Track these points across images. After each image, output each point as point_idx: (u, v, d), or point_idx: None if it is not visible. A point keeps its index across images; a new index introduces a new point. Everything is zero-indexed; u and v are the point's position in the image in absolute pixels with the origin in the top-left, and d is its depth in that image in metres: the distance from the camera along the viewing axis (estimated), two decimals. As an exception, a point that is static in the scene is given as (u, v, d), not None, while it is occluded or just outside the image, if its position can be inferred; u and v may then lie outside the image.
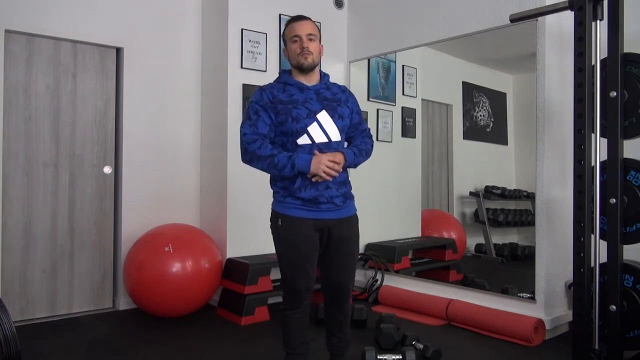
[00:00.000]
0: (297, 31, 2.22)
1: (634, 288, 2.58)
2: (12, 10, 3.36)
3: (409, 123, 4.65)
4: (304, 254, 2.19)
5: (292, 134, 2.18)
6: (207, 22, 4.16)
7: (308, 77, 2.26)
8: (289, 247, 2.21)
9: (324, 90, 2.28)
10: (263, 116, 2.19)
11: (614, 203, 2.52)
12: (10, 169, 3.43)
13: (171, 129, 4.06)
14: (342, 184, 2.24)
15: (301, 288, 2.22)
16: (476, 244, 4.57)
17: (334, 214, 2.22)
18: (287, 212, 2.19)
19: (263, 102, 2.20)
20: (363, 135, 2.40)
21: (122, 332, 3.33)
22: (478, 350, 3.00)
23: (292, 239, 2.19)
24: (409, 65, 4.59)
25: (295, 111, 2.17)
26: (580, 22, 2.55)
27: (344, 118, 2.27)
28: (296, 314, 2.27)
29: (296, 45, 2.22)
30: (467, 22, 3.61)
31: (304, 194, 2.16)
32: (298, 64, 2.22)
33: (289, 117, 2.17)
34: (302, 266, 2.20)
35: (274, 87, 2.25)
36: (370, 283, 4.14)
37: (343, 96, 2.32)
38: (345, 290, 2.33)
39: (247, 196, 3.91)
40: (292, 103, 2.19)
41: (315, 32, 2.25)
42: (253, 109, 2.22)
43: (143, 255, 3.48)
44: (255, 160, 2.18)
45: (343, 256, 2.28)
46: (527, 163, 3.61)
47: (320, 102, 2.23)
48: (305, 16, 2.28)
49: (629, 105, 2.54)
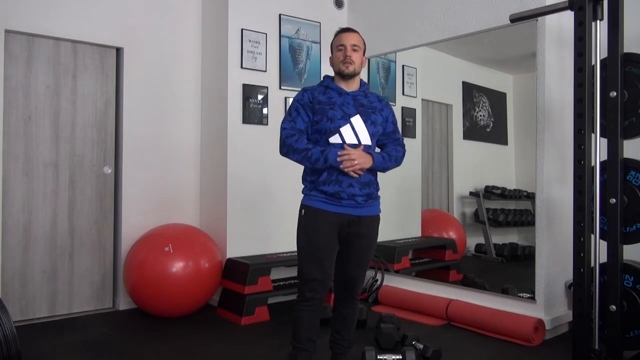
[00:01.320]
0: (343, 41, 2.38)
1: (634, 288, 2.58)
2: (12, 10, 3.36)
3: (409, 123, 4.65)
4: (321, 245, 2.29)
5: (325, 132, 2.32)
6: (207, 22, 4.16)
7: (348, 83, 2.41)
8: (309, 236, 2.32)
9: (362, 97, 2.42)
10: (302, 114, 2.36)
11: (614, 203, 2.52)
12: (10, 169, 3.43)
13: (171, 129, 4.06)
14: (365, 184, 2.34)
15: (315, 279, 2.29)
16: (476, 244, 4.56)
17: (355, 210, 2.32)
18: (311, 204, 2.32)
19: (303, 101, 2.37)
20: (396, 143, 2.52)
21: (122, 332, 3.33)
22: (478, 350, 3.00)
23: (312, 229, 2.31)
24: (409, 65, 4.59)
25: (331, 112, 2.32)
26: (580, 22, 2.54)
27: (376, 125, 2.39)
28: (307, 307, 2.33)
29: (340, 53, 2.37)
30: (467, 22, 3.61)
31: (327, 187, 2.29)
32: (340, 70, 2.38)
33: (324, 117, 2.32)
34: (318, 257, 2.29)
35: (315, 89, 2.42)
36: (370, 283, 4.14)
37: (379, 105, 2.46)
38: (356, 286, 2.43)
39: (247, 196, 3.91)
40: (330, 104, 2.35)
41: (360, 44, 2.40)
42: (294, 106, 2.39)
43: (143, 255, 3.48)
44: (291, 153, 2.32)
45: (358, 251, 2.38)
46: (527, 163, 3.61)
47: (356, 107, 2.37)
48: (354, 29, 2.45)
49: (629, 105, 2.54)
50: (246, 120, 3.92)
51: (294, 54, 4.21)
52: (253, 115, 3.96)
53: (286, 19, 4.16)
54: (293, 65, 4.20)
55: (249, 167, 3.94)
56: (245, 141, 3.92)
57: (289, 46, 4.18)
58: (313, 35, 4.32)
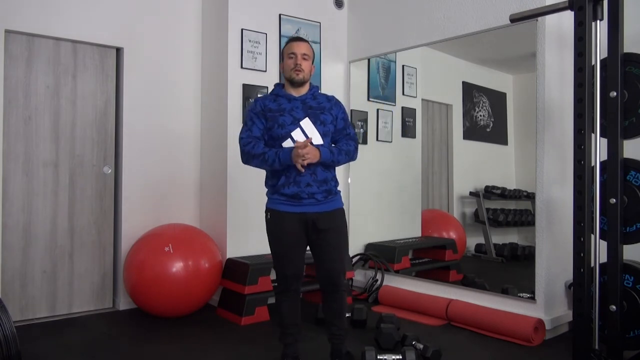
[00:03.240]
0: (294, 49, 2.52)
1: (634, 288, 2.58)
2: (12, 10, 3.36)
3: (409, 123, 4.65)
4: (288, 243, 2.49)
5: (278, 138, 2.48)
6: (207, 22, 4.16)
7: (297, 89, 2.56)
8: (275, 237, 2.53)
9: (310, 100, 2.56)
10: (257, 122, 2.53)
11: (614, 203, 2.52)
12: (10, 169, 3.43)
13: (171, 129, 4.06)
14: (323, 182, 2.49)
15: (288, 274, 2.52)
16: (476, 244, 4.57)
17: (316, 207, 2.47)
18: (274, 207, 2.52)
19: (256, 110, 2.54)
20: (347, 138, 2.63)
21: (122, 332, 3.33)
22: (478, 350, 3.00)
23: (278, 229, 2.50)
24: (409, 65, 4.59)
25: (281, 118, 2.48)
26: (580, 22, 2.54)
27: (326, 124, 2.53)
28: (286, 297, 2.56)
29: (291, 61, 2.52)
30: (467, 22, 3.61)
31: (287, 190, 2.45)
32: (290, 77, 2.53)
33: (275, 124, 2.48)
34: (287, 254, 2.51)
35: (266, 98, 2.59)
36: (370, 283, 4.15)
37: (328, 105, 2.59)
38: (337, 278, 2.55)
39: (247, 196, 3.91)
40: (280, 111, 2.50)
41: (309, 53, 2.55)
42: (249, 116, 2.57)
43: (143, 255, 3.48)
44: (250, 159, 2.50)
45: (328, 246, 2.51)
46: (527, 163, 3.62)
47: (305, 110, 2.51)
48: (304, 39, 2.62)
49: (629, 105, 2.54)
50: (246, 120, 3.92)
51: (294, 54, 4.20)
52: (253, 115, 3.96)
53: (286, 19, 4.16)
54: (293, 65, 4.19)
55: (249, 167, 3.92)
56: (245, 141, 3.91)
57: (289, 46, 4.17)
58: (313, 35, 4.32)
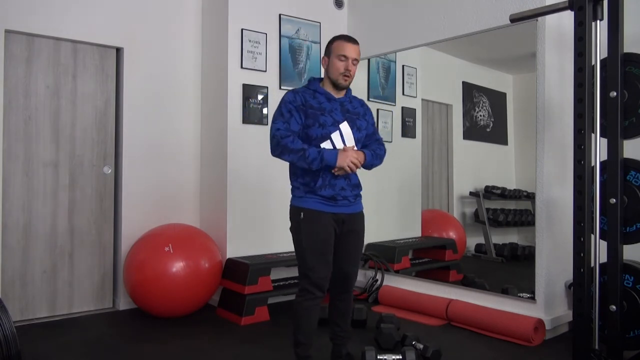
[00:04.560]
0: (347, 52, 2.42)
1: (634, 288, 2.58)
2: (12, 10, 3.36)
3: (409, 123, 4.65)
4: (325, 243, 2.40)
5: (316, 138, 2.39)
6: (207, 22, 4.16)
7: (338, 91, 2.49)
8: (312, 237, 2.39)
9: (347, 104, 2.52)
10: (295, 116, 2.39)
11: (614, 203, 2.52)
12: (10, 169, 3.43)
13: (171, 129, 4.06)
14: (355, 186, 2.50)
15: (323, 276, 2.40)
16: (476, 244, 4.56)
17: (348, 209, 2.48)
18: (309, 206, 2.40)
19: (296, 104, 2.40)
20: (377, 143, 2.62)
21: (122, 332, 3.33)
22: (478, 350, 3.00)
23: (315, 229, 2.39)
24: (409, 65, 4.59)
25: (322, 118, 2.40)
26: (580, 22, 2.54)
27: (361, 130, 2.52)
28: (314, 303, 2.43)
29: (342, 64, 2.42)
30: (467, 22, 3.61)
31: (324, 192, 2.39)
32: (336, 81, 2.45)
33: (316, 122, 2.39)
34: (324, 255, 2.40)
35: (305, 92, 2.46)
36: (370, 283, 4.14)
37: (362, 110, 2.57)
38: (352, 281, 2.58)
39: (247, 196, 3.91)
40: (320, 110, 2.41)
41: (359, 58, 2.48)
42: (286, 107, 2.40)
43: (143, 255, 3.48)
44: (286, 153, 2.35)
45: (352, 248, 2.52)
46: (527, 163, 3.62)
47: (343, 113, 2.47)
48: (356, 40, 2.49)
49: (629, 105, 2.54)
50: (246, 120, 3.92)
51: (294, 54, 4.21)
52: (253, 115, 3.96)
53: (286, 19, 4.16)
54: (293, 65, 4.20)
55: (249, 166, 3.94)
56: (245, 141, 3.92)
57: (289, 46, 4.18)
58: (313, 35, 4.32)
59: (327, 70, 2.48)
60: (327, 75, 2.48)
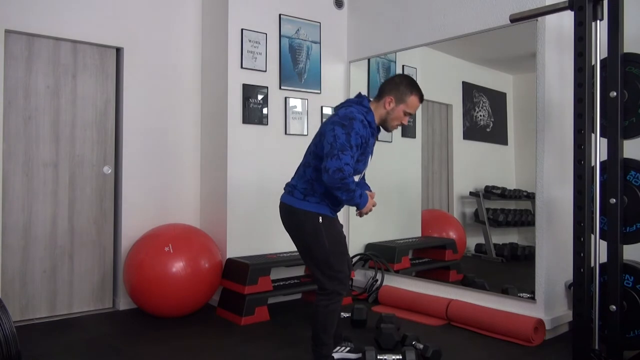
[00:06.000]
0: (414, 110, 2.55)
1: (634, 288, 2.58)
2: (12, 10, 3.36)
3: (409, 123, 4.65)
4: (344, 244, 2.58)
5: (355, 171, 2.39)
6: (207, 22, 4.16)
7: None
8: (332, 237, 2.49)
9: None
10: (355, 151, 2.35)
11: (614, 203, 2.52)
12: (10, 169, 3.43)
13: (171, 128, 4.06)
14: None
15: (347, 274, 2.56)
16: (476, 244, 4.57)
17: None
18: (325, 213, 2.49)
19: (364, 139, 2.39)
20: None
21: (122, 332, 3.33)
22: (478, 350, 3.00)
23: (335, 232, 2.52)
24: (409, 65, 4.59)
25: (367, 155, 2.51)
26: (580, 22, 2.54)
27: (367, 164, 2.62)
28: (340, 304, 2.54)
29: (404, 118, 2.53)
30: (467, 22, 3.61)
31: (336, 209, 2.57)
32: (388, 128, 2.57)
33: (363, 159, 2.47)
34: (344, 253, 2.56)
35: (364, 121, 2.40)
36: (370, 283, 4.14)
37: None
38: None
39: (247, 196, 3.91)
40: (369, 147, 2.48)
41: None
42: (356, 140, 2.34)
43: (143, 255, 3.48)
44: (342, 191, 2.32)
45: None
46: (527, 163, 3.61)
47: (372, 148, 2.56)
48: None
49: (629, 105, 2.54)
50: (246, 120, 3.92)
51: (294, 54, 4.21)
52: (253, 115, 3.96)
53: (286, 19, 4.16)
54: (293, 65, 4.20)
55: (249, 166, 3.94)
56: (245, 141, 3.92)
57: (289, 46, 4.18)
58: (313, 35, 4.32)
59: (387, 110, 2.50)
60: (381, 113, 2.51)
